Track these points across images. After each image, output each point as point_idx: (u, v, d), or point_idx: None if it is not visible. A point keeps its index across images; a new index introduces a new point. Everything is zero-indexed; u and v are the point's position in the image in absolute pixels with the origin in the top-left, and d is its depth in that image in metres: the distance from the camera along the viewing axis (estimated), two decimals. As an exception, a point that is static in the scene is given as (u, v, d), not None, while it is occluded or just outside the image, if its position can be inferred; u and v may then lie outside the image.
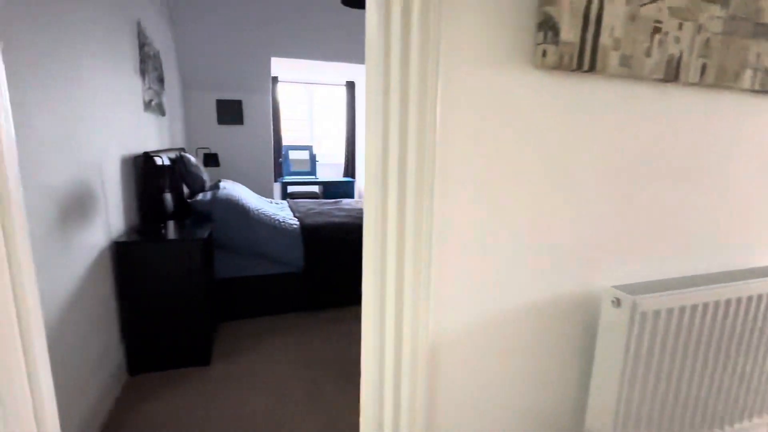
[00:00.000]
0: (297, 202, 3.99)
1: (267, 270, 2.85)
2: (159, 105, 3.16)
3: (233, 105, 4.65)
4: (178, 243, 2.13)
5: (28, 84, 1.36)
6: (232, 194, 2.91)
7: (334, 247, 2.96)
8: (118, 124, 2.22)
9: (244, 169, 4.80)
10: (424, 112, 0.97)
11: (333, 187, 5.44)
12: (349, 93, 5.83)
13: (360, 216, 3.35)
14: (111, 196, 2.07)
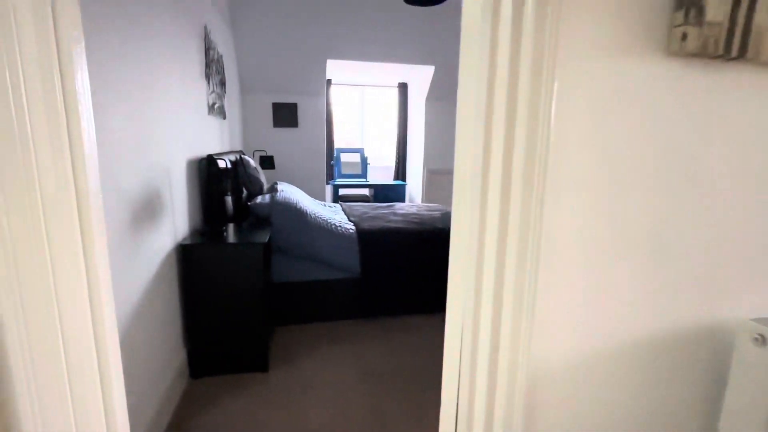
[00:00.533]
0: (350, 206, 3.93)
1: (322, 275, 2.79)
2: (221, 108, 3.21)
3: (289, 108, 4.70)
4: (241, 247, 2.11)
5: (104, 85, 1.35)
6: (290, 197, 2.89)
7: (391, 253, 2.85)
8: (185, 127, 2.24)
9: (297, 172, 4.83)
10: (536, 107, 0.83)
11: (384, 191, 5.36)
12: (401, 94, 5.73)
13: (417, 221, 3.22)
14: (177, 199, 2.08)
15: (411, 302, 2.94)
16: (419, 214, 3.58)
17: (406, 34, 4.24)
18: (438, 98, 5.08)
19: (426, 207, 3.95)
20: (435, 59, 4.56)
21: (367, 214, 3.50)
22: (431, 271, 2.91)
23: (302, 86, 4.61)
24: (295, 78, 4.50)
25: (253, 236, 2.28)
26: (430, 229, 3.03)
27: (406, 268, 2.87)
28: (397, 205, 4.09)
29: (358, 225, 3.00)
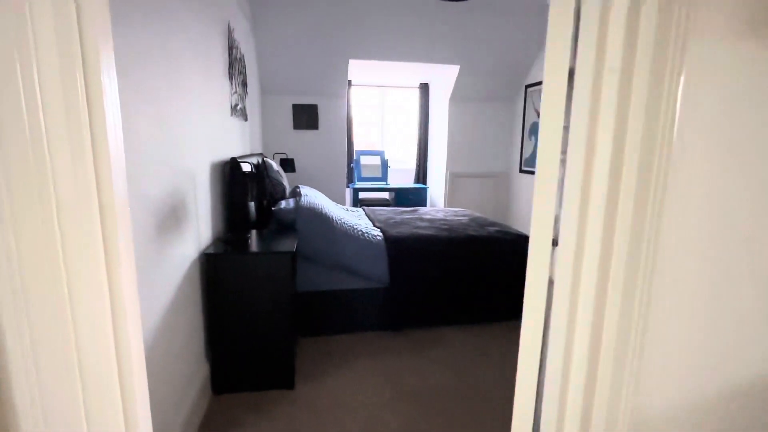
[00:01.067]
0: (374, 210, 3.79)
1: (349, 284, 2.65)
2: (243, 110, 3.10)
3: (309, 109, 4.58)
4: (268, 256, 1.98)
5: (127, 82, 1.23)
6: (315, 202, 2.76)
7: (420, 261, 2.70)
8: (209, 128, 2.13)
9: (317, 175, 4.71)
10: (657, 100, 0.68)
11: (404, 194, 5.21)
12: (422, 95, 5.58)
13: (446, 228, 3.06)
14: (201, 204, 1.96)
15: (442, 314, 2.78)
16: (447, 219, 3.42)
17: (430, 33, 4.09)
18: (462, 99, 4.91)
19: (452, 212, 3.79)
20: (460, 58, 4.40)
21: (393, 220, 3.35)
22: (464, 281, 2.75)
23: (323, 87, 4.49)
24: (315, 79, 4.38)
25: (279, 244, 2.15)
26: (462, 237, 2.86)
27: (436, 277, 2.71)
28: (421, 209, 3.93)
29: (385, 232, 2.85)
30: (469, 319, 2.81)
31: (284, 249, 2.03)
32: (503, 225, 3.27)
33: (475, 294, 2.78)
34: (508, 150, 5.17)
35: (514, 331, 2.70)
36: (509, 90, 4.86)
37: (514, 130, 5.02)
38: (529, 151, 4.68)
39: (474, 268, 2.77)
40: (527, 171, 4.75)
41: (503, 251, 2.85)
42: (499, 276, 2.81)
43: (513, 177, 5.10)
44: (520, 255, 2.94)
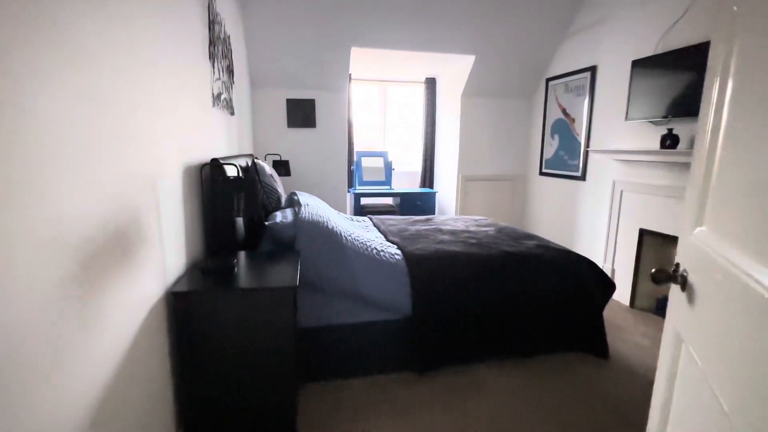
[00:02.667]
0: (383, 220, 3.27)
1: (362, 316, 2.13)
2: (228, 102, 2.57)
3: (305, 105, 4.06)
4: (262, 293, 1.45)
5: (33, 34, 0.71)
6: (318, 214, 2.24)
7: (449, 284, 2.19)
8: (181, 120, 1.60)
9: (315, 179, 4.18)
10: None
11: (411, 200, 4.71)
12: (428, 91, 5.10)
13: (474, 242, 2.56)
14: (168, 222, 1.43)
15: (477, 348, 2.27)
16: (471, 231, 2.92)
17: (443, 19, 3.60)
18: (476, 94, 4.43)
19: (473, 221, 3.29)
20: (476, 48, 3.92)
21: (407, 232, 2.84)
22: (502, 307, 2.25)
23: (321, 79, 3.97)
24: (313, 70, 3.86)
25: (276, 273, 1.63)
26: (497, 254, 2.36)
27: (469, 304, 2.20)
28: (436, 218, 3.43)
29: (404, 249, 2.34)
30: (509, 352, 2.31)
31: (284, 282, 1.50)
32: (539, 237, 2.78)
33: (516, 323, 2.27)
34: (525, 150, 4.69)
35: (566, 368, 2.20)
36: (528, 84, 4.39)
37: (533, 128, 4.55)
38: (551, 152, 4.21)
39: (514, 292, 2.26)
40: (548, 173, 4.28)
41: (547, 270, 2.35)
42: (544, 300, 2.31)
43: (531, 180, 4.62)
44: (567, 274, 2.39)
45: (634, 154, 2.91)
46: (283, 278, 1.54)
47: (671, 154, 2.62)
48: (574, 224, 3.89)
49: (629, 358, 2.38)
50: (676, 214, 2.76)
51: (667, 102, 2.74)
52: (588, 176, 3.70)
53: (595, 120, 3.58)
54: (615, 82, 3.31)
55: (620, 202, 3.25)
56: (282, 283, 1.49)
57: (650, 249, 3.06)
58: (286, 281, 1.50)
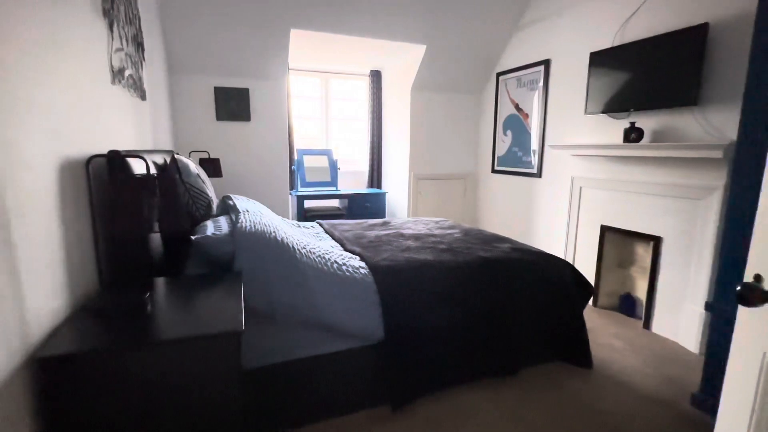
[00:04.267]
0: (334, 226, 2.86)
1: (324, 346, 1.72)
2: (137, 82, 2.01)
3: (237, 95, 3.50)
4: (192, 345, 0.99)
5: None
6: (263, 223, 1.78)
7: (425, 299, 1.85)
8: (57, 94, 1.08)
9: (251, 180, 3.64)
10: None
11: (360, 201, 4.34)
12: (374, 85, 4.76)
13: (444, 247, 2.25)
14: (27, 242, 0.92)
15: (457, 370, 1.96)
16: (436, 234, 2.62)
17: (391, 4, 3.28)
18: (428, 87, 4.17)
19: (435, 224, 3.00)
20: (426, 37, 3.65)
21: (366, 239, 2.47)
22: (484, 320, 1.96)
23: (256, 66, 3.45)
24: (246, 54, 3.33)
25: (211, 310, 1.17)
26: (474, 261, 2.07)
27: (448, 320, 1.89)
28: (393, 221, 3.09)
29: (368, 260, 1.96)
30: (492, 371, 2.03)
31: (224, 324, 1.05)
32: (510, 239, 2.56)
33: (499, 337, 2.00)
34: (477, 147, 4.54)
35: (552, 382, 1.99)
36: (478, 78, 4.24)
37: (484, 124, 4.40)
38: (504, 148, 4.08)
39: (497, 303, 1.99)
40: (502, 171, 4.15)
41: (528, 276, 2.11)
42: (527, 310, 2.07)
43: (483, 178, 4.48)
44: (549, 279, 2.13)
45: (599, 148, 2.81)
46: (221, 317, 1.09)
47: (637, 148, 2.53)
48: (530, 223, 3.78)
49: (610, 364, 2.23)
50: (640, 210, 2.70)
51: (629, 95, 2.66)
52: (544, 173, 3.59)
53: (551, 115, 3.48)
54: (570, 76, 3.22)
55: (579, 199, 3.16)
56: (221, 325, 1.04)
57: (612, 246, 3.00)
58: (227, 322, 1.05)
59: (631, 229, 2.78)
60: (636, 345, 2.47)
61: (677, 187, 2.45)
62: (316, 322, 1.65)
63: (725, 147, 2.08)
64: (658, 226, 2.59)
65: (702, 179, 2.33)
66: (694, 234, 2.39)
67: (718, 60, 2.23)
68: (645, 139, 2.59)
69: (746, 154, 1.69)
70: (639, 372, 2.17)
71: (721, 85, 2.23)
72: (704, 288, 2.33)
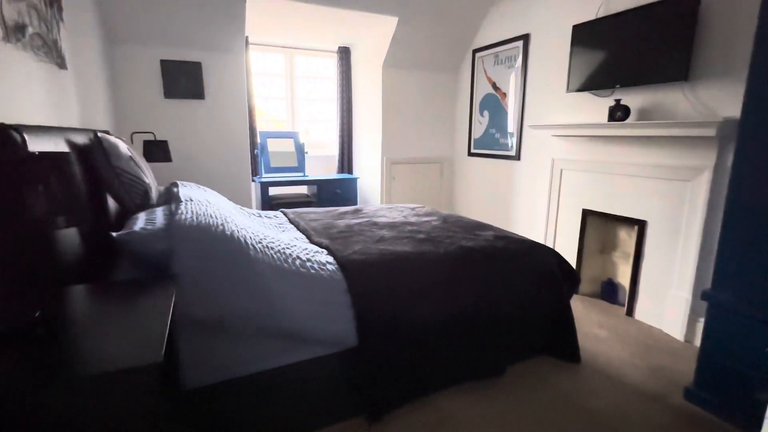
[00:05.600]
0: (300, 215, 2.59)
1: (287, 357, 1.47)
2: (50, 45, 1.65)
3: (188, 69, 3.12)
4: (82, 387, 0.72)
5: None
6: (209, 214, 1.49)
7: (403, 298, 1.63)
8: None
9: (207, 166, 3.29)
10: None
11: (330, 188, 4.06)
12: (342, 62, 4.44)
13: (424, 237, 2.04)
14: None
15: (440, 374, 1.77)
16: (413, 222, 2.40)
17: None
18: (400, 64, 3.90)
19: (410, 210, 2.78)
20: (399, 6, 3.36)
21: (336, 229, 2.22)
22: (469, 316, 1.77)
23: (209, 36, 3.08)
24: (196, 23, 2.95)
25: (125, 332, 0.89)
26: (456, 251, 1.87)
27: (430, 318, 1.68)
28: (366, 209, 2.85)
29: (337, 254, 1.72)
30: (478, 373, 1.85)
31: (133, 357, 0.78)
32: (492, 226, 2.37)
33: (485, 335, 1.82)
34: (452, 129, 4.33)
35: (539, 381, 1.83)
36: (454, 55, 4.00)
37: (460, 105, 4.19)
38: (481, 130, 3.89)
39: (482, 297, 1.80)
40: (478, 154, 3.96)
41: (515, 267, 1.93)
42: (514, 303, 1.89)
43: (460, 162, 4.28)
44: (537, 269, 1.95)
45: (582, 128, 2.65)
46: (135, 341, 0.83)
47: (624, 127, 2.38)
48: (509, 208, 3.63)
49: (597, 356, 2.11)
50: (624, 193, 2.57)
51: (614, 70, 2.50)
52: (523, 155, 3.43)
53: (530, 94, 3.30)
54: (551, 52, 3.03)
55: (560, 182, 3.01)
56: (130, 355, 0.77)
57: (594, 230, 2.88)
58: (141, 350, 0.78)
59: (614, 213, 2.65)
60: (621, 334, 2.36)
61: (664, 168, 2.32)
62: (275, 330, 1.40)
63: (718, 125, 1.95)
64: (643, 210, 2.47)
65: (690, 159, 2.20)
66: (681, 217, 2.27)
67: (711, 31, 2.09)
68: (631, 117, 2.44)
69: (752, 129, 1.54)
70: (627, 363, 2.05)
71: (713, 59, 2.09)
72: (691, 274, 2.23)
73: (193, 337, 1.31)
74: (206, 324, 1.32)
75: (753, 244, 1.56)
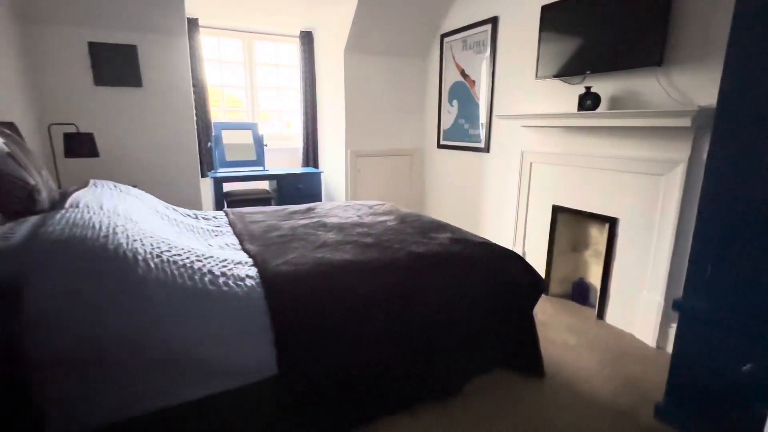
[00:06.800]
0: (243, 216, 2.34)
1: (184, 393, 1.24)
2: None
3: (122, 54, 2.81)
4: None
5: None
6: (88, 227, 1.23)
7: (337, 317, 1.41)
8: None
9: (142, 161, 2.99)
10: None
11: (292, 183, 3.80)
12: (305, 48, 4.15)
13: (372, 241, 1.82)
14: None
15: (383, 398, 1.55)
16: (365, 223, 2.18)
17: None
18: (365, 49, 3.64)
19: (368, 208, 2.56)
20: (358, -13, 3.10)
21: (277, 233, 1.98)
22: (416, 332, 1.56)
23: (144, 17, 2.76)
24: (130, 0, 2.63)
25: None
26: (404, 258, 1.65)
27: (370, 338, 1.46)
28: (320, 207, 2.61)
29: (263, 265, 1.48)
30: (429, 394, 1.65)
31: None
32: (451, 227, 2.16)
33: (435, 352, 1.61)
34: (422, 120, 4.10)
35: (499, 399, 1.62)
36: (422, 39, 3.75)
37: (430, 93, 3.95)
38: (450, 120, 3.67)
39: (431, 309, 1.59)
40: (448, 146, 3.74)
41: (470, 274, 1.73)
42: (468, 314, 1.69)
43: (430, 154, 4.06)
44: (495, 276, 1.72)
45: (550, 118, 2.45)
46: None
47: (594, 117, 2.19)
48: (479, 204, 3.44)
49: (564, 366, 1.94)
50: (594, 188, 2.39)
51: (585, 55, 2.30)
52: (492, 147, 3.23)
53: (499, 81, 3.09)
54: (520, 35, 2.82)
55: (530, 176, 2.82)
56: None
57: (565, 228, 2.70)
58: None
59: (585, 209, 2.48)
60: (591, 340, 2.20)
61: (636, 162, 2.14)
62: (171, 361, 1.16)
63: (694, 114, 1.76)
64: (614, 206, 2.30)
65: (664, 152, 2.03)
66: (654, 215, 2.10)
67: (687, 12, 1.89)
68: (602, 106, 2.25)
69: (729, 118, 1.35)
70: (596, 375, 1.89)
71: (689, 42, 1.90)
72: (663, 276, 2.07)
73: (66, 376, 1.07)
74: (83, 360, 1.07)
75: (730, 246, 1.38)
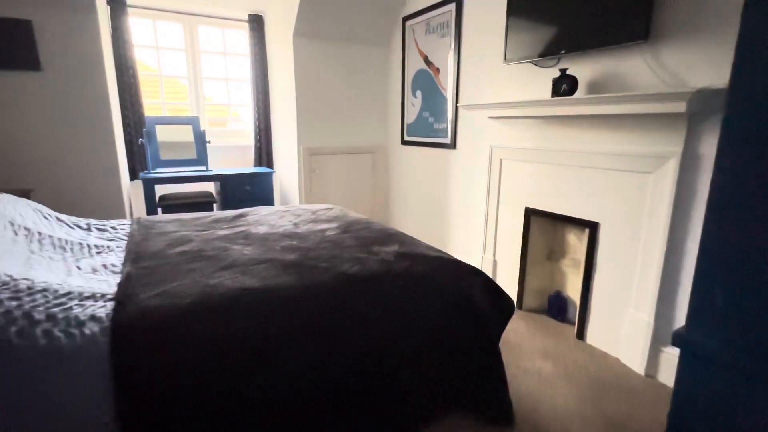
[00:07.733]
0: (152, 226, 1.91)
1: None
2: None
3: (13, 31, 2.33)
4: None
5: None
6: None
7: (220, 378, 1.01)
8: None
9: (46, 162, 2.52)
10: None
11: (238, 184, 3.37)
12: (255, 34, 3.72)
13: (291, 256, 1.42)
14: None
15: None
16: (299, 233, 1.78)
17: None
18: (317, 34, 3.23)
19: (311, 214, 2.16)
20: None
21: (179, 248, 1.56)
22: (344, 379, 1.17)
23: (36, -15, 2.30)
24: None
25: None
26: (329, 281, 1.27)
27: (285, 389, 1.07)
28: (252, 213, 2.20)
29: (124, 299, 1.07)
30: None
31: None
32: (402, 236, 1.79)
33: (378, 396, 1.23)
34: (385, 114, 3.72)
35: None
36: (382, 24, 3.37)
37: (392, 84, 3.58)
38: (414, 114, 3.31)
39: (365, 349, 1.21)
40: (412, 142, 3.38)
41: (419, 299, 1.35)
42: (414, 352, 1.31)
43: (393, 151, 3.69)
44: (450, 300, 1.31)
45: (519, 107, 2.10)
46: None
47: (569, 104, 1.85)
48: (446, 206, 3.08)
49: (538, 404, 1.59)
50: (572, 188, 2.06)
51: (559, 33, 1.96)
52: (459, 143, 2.88)
53: (465, 68, 2.74)
54: (487, 14, 2.47)
55: (500, 175, 2.48)
56: None
57: (540, 233, 2.37)
58: None
59: (561, 213, 2.15)
60: (569, 366, 1.86)
61: (619, 157, 1.82)
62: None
63: (689, 97, 1.44)
64: (594, 209, 1.97)
65: (652, 145, 1.70)
66: (640, 219, 1.78)
67: (677, -28, 1.57)
68: (579, 91, 1.92)
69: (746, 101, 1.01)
70: (575, 415, 1.55)
71: (680, 11, 1.58)
72: (653, 291, 1.75)
73: None
74: None
75: (746, 266, 1.04)
